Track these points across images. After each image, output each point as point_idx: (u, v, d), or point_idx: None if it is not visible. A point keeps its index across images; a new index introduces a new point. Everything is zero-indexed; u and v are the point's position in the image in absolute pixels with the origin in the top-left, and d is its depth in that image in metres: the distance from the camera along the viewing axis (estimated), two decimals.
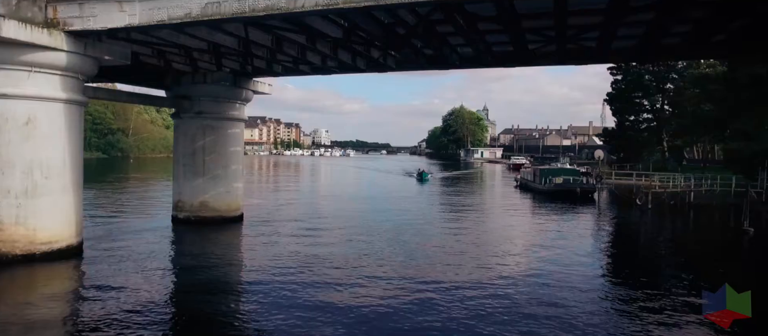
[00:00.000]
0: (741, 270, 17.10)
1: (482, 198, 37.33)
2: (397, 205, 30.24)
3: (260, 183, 51.68)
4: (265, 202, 31.67)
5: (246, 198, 34.06)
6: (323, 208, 28.72)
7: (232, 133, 22.62)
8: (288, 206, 29.91)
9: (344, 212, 27.54)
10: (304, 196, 36.98)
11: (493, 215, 29.02)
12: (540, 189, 40.39)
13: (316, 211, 27.69)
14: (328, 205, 30.58)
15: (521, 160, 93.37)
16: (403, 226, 23.31)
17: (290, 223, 23.62)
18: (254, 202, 31.64)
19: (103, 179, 50.72)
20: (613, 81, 63.01)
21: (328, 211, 27.96)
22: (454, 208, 31.46)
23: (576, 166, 60.04)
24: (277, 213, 26.93)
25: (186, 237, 20.35)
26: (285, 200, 33.08)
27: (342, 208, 29.39)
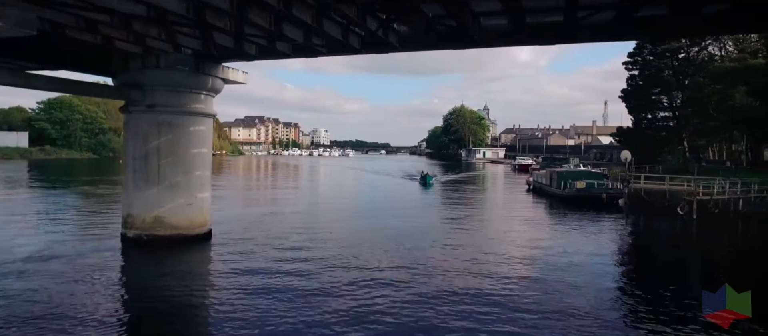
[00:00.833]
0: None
1: (494, 206, 32.81)
2: (400, 218, 25.67)
3: (247, 188, 47.13)
4: (247, 213, 27.14)
5: (225, 207, 29.88)
6: (315, 223, 24.16)
7: (196, 131, 18.09)
8: (272, 219, 25.32)
9: (339, 228, 22.96)
10: (294, 205, 32.41)
11: (511, 229, 24.49)
12: (558, 194, 35.87)
13: (306, 226, 23.07)
14: (321, 218, 25.94)
15: (527, 160, 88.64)
16: (410, 249, 18.82)
17: (271, 244, 19.07)
18: (232, 213, 27.15)
19: (74, 181, 46.16)
20: (629, 77, 58.57)
21: (321, 226, 23.33)
22: (466, 222, 26.90)
23: (591, 167, 55.50)
24: (258, 228, 22.37)
25: (130, 264, 15.86)
26: (270, 211, 28.50)
27: (337, 222, 24.82)
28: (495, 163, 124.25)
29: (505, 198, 38.38)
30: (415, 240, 20.03)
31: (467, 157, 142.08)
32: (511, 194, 41.64)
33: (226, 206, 30.71)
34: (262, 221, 24.15)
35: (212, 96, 18.89)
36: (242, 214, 26.78)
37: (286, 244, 18.84)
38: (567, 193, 34.48)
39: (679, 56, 53.92)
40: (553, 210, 31.77)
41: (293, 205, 31.81)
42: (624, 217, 30.27)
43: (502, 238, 21.47)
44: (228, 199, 34.97)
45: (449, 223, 25.21)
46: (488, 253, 18.18)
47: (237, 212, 27.46)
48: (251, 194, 40.22)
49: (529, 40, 14.83)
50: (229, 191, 41.62)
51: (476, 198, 39.15)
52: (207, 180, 18.68)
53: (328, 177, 64.28)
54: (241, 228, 22.00)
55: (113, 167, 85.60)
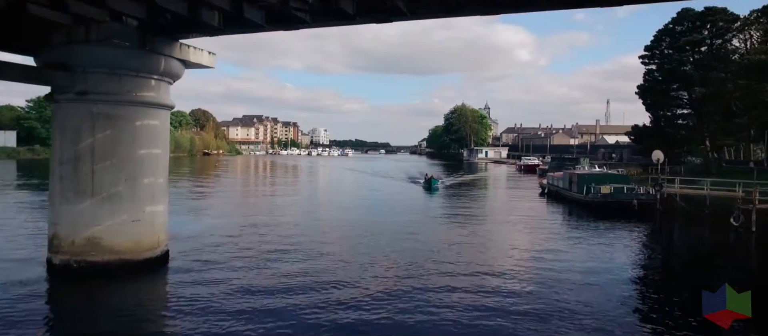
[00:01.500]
0: None
1: (509, 216, 28.50)
2: (405, 233, 21.50)
3: (236, 193, 42.97)
4: (226, 225, 22.97)
5: (202, 216, 25.66)
6: (307, 239, 19.94)
7: (145, 126, 13.97)
8: (255, 234, 21.07)
9: (333, 247, 18.73)
10: (285, 214, 28.24)
11: (535, 247, 20.38)
12: (580, 200, 31.76)
13: (296, 244, 18.82)
14: (315, 233, 21.53)
15: (534, 160, 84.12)
16: (419, 276, 14.76)
17: (246, 270, 14.97)
18: (208, 224, 23.06)
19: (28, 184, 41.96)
20: (647, 71, 54.49)
21: (314, 244, 19.08)
22: (481, 237, 22.76)
23: (607, 168, 51.35)
24: (235, 246, 18.19)
25: (44, 304, 11.76)
26: (255, 222, 24.22)
27: (330, 237, 20.60)
28: (498, 163, 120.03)
29: (519, 205, 34.21)
30: (424, 263, 15.96)
31: (469, 156, 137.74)
32: (523, 200, 37.45)
33: (203, 215, 26.68)
34: (242, 237, 20.00)
35: (168, 82, 14.78)
36: (220, 225, 22.66)
37: (266, 271, 14.74)
38: (591, 198, 30.37)
39: (701, 49, 49.88)
40: (576, 219, 27.66)
41: (283, 214, 27.69)
42: (660, 227, 26.23)
43: (528, 259, 17.38)
44: (210, 207, 30.92)
45: (462, 241, 21.11)
46: (516, 278, 14.11)
47: (214, 224, 23.34)
48: (238, 200, 36.11)
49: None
50: (214, 197, 37.56)
51: (486, 205, 34.91)
52: (161, 189, 14.57)
53: (326, 180, 60.05)
54: (213, 246, 17.85)
55: None
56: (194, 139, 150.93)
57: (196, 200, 33.86)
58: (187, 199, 34.27)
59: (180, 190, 41.13)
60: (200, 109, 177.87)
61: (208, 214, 27.37)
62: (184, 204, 30.71)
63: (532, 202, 36.30)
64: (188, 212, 26.98)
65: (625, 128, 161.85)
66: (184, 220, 23.44)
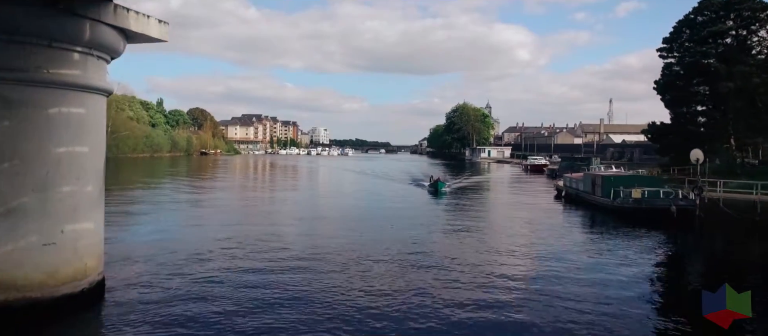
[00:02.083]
0: None
1: (527, 225, 24.76)
2: (412, 247, 17.82)
3: (222, 196, 39.21)
4: (195, 240, 19.13)
5: (172, 227, 21.51)
6: (294, 259, 16.25)
7: (65, 115, 10.24)
8: (231, 250, 17.31)
9: (325, 276, 15.00)
10: (270, 223, 24.48)
11: (565, 261, 16.70)
12: (605, 205, 28.03)
13: (279, 269, 15.18)
14: (306, 251, 17.74)
15: (540, 160, 79.87)
16: (434, 307, 11.09)
17: (214, 301, 11.31)
18: (174, 239, 19.31)
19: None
20: (665, 65, 50.68)
21: (302, 267, 15.37)
22: (499, 251, 19.07)
23: (624, 168, 47.54)
24: (204, 268, 14.45)
25: None
26: (232, 234, 20.29)
27: (322, 262, 16.83)
28: (501, 162, 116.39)
29: (534, 211, 30.33)
30: (437, 288, 12.28)
31: (471, 156, 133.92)
32: (539, 205, 33.53)
33: (175, 226, 22.95)
34: (215, 255, 16.20)
35: (101, 58, 11.06)
36: (191, 240, 18.93)
37: (240, 305, 11.07)
38: (620, 204, 26.61)
39: (725, 41, 46.10)
40: (604, 229, 23.91)
41: (271, 223, 23.94)
42: (703, 237, 22.53)
43: (560, 279, 13.69)
44: (186, 214, 27.18)
45: (480, 257, 17.41)
46: (545, 307, 10.44)
47: (184, 238, 19.62)
48: (222, 205, 32.30)
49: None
50: (196, 202, 33.89)
51: (500, 213, 30.77)
52: (90, 200, 10.82)
53: (323, 183, 56.07)
54: (176, 268, 14.09)
55: None
56: (191, 138, 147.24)
57: (173, 205, 30.16)
58: (164, 204, 30.59)
59: (162, 194, 37.52)
60: (198, 108, 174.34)
61: (182, 223, 23.66)
62: (159, 212, 27.03)
63: (550, 207, 32.53)
64: (158, 222, 23.27)
65: (632, 127, 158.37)
66: (146, 233, 19.79)
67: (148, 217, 24.79)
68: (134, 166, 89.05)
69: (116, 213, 22.65)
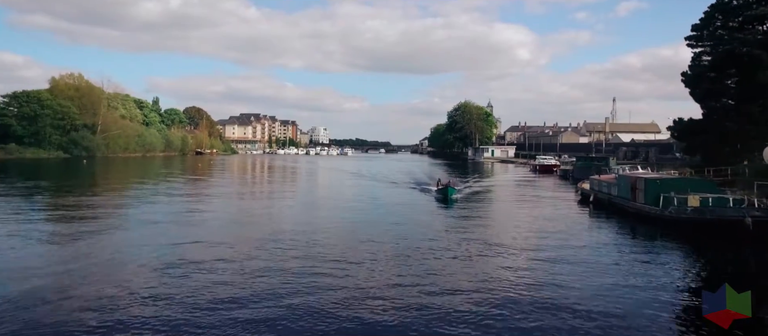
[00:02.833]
0: None
1: (562, 241, 19.61)
2: (428, 288, 12.68)
3: (203, 201, 33.98)
4: (146, 262, 14.03)
5: (100, 239, 15.80)
6: (266, 293, 11.24)
7: None
8: (187, 281, 12.28)
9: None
10: (249, 241, 19.32)
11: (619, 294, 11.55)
12: (652, 215, 22.80)
13: (234, 304, 10.16)
14: (282, 283, 12.81)
15: (550, 160, 74.45)
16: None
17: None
18: (114, 259, 14.08)
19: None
20: (694, 56, 45.55)
21: (275, 312, 10.27)
22: (534, 277, 14.00)
23: (651, 169, 42.26)
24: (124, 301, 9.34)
25: None
26: (198, 260, 15.25)
27: (311, 294, 11.64)
28: (505, 162, 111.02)
29: (562, 220, 24.67)
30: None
31: (474, 156, 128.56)
32: (564, 213, 27.97)
33: (106, 237, 17.65)
34: (156, 290, 11.10)
35: None
36: (140, 262, 13.77)
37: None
38: (673, 214, 21.37)
39: (766, 25, 40.90)
40: (655, 245, 18.72)
41: (247, 241, 18.74)
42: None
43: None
44: (134, 220, 21.87)
45: (515, 291, 12.21)
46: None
47: (132, 259, 14.44)
48: (198, 211, 27.08)
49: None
50: (161, 205, 28.68)
51: (521, 222, 25.20)
52: None
53: (319, 188, 50.55)
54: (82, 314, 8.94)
55: (74, 169, 72.59)
56: (186, 137, 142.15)
57: (122, 211, 24.91)
58: (119, 210, 25.41)
59: (128, 196, 32.31)
60: (194, 107, 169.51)
61: (114, 233, 18.38)
62: (106, 217, 21.82)
63: (578, 217, 27.17)
64: (115, 232, 18.05)
65: (637, 126, 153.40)
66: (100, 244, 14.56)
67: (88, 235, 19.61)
68: (122, 166, 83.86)
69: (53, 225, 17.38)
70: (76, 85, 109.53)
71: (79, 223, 21.70)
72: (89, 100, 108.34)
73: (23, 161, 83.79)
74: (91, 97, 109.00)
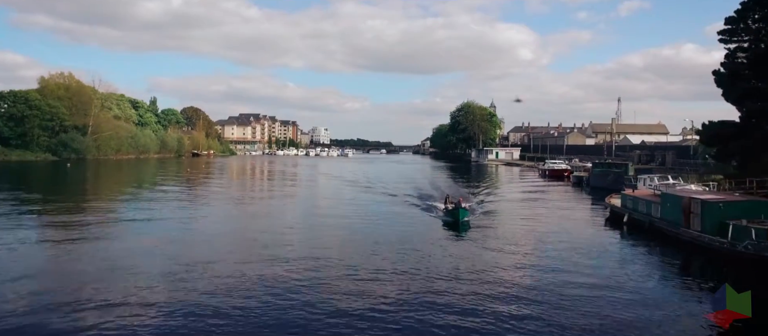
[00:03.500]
0: None
1: (601, 288, 14.87)
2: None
3: (157, 219, 29.14)
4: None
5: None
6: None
7: None
8: None
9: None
10: (202, 278, 14.56)
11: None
12: (715, 247, 17.90)
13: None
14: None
15: (560, 164, 69.16)
16: None
17: None
18: None
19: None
20: (728, 53, 40.45)
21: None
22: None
23: (697, 183, 37.11)
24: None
25: None
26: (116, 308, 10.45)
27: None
28: (510, 165, 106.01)
29: (593, 252, 19.93)
30: None
31: (478, 157, 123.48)
32: (594, 241, 22.73)
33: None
34: None
35: None
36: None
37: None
38: (749, 251, 16.45)
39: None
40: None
41: (201, 277, 13.94)
42: None
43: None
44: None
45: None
46: None
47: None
48: (145, 235, 22.28)
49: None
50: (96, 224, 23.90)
51: (543, 254, 20.36)
52: None
53: (308, 197, 45.60)
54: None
55: (54, 173, 67.87)
56: (182, 138, 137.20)
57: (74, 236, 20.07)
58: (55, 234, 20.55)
59: (82, 216, 27.19)
60: (192, 107, 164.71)
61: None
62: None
63: (612, 245, 22.12)
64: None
65: (644, 127, 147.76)
66: None
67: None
68: (109, 169, 79.16)
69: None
70: (66, 84, 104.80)
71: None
72: (80, 101, 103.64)
73: (8, 164, 79.26)
74: (81, 97, 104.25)
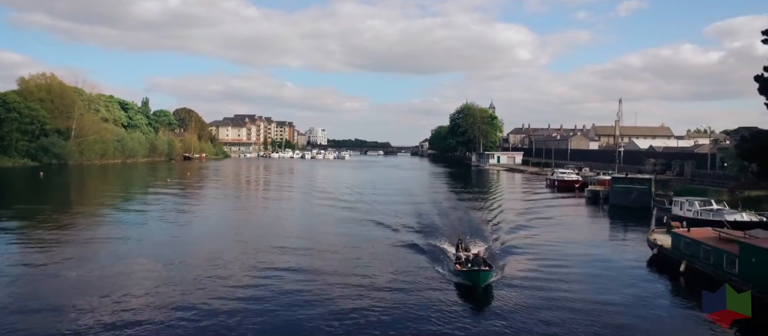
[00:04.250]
0: None
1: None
2: None
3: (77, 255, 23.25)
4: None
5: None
6: None
7: None
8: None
9: None
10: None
11: None
12: None
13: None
14: None
15: (571, 174, 62.38)
16: None
17: None
18: None
19: None
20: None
21: None
22: None
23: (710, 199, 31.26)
24: None
25: None
26: None
27: None
28: (513, 171, 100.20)
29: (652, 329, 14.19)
30: None
31: (479, 162, 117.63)
32: (646, 298, 17.23)
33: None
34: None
35: None
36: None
37: None
38: None
39: None
40: None
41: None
42: None
43: None
44: None
45: None
46: None
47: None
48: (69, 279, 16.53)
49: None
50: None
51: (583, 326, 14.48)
52: None
53: (289, 231, 39.77)
54: None
55: (27, 181, 61.99)
56: (173, 141, 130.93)
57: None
58: None
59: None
60: (184, 108, 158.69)
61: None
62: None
63: (673, 311, 16.45)
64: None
65: (647, 129, 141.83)
66: None
67: None
68: (91, 176, 73.32)
69: None
70: (47, 85, 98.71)
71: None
72: (62, 103, 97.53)
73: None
74: (63, 98, 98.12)
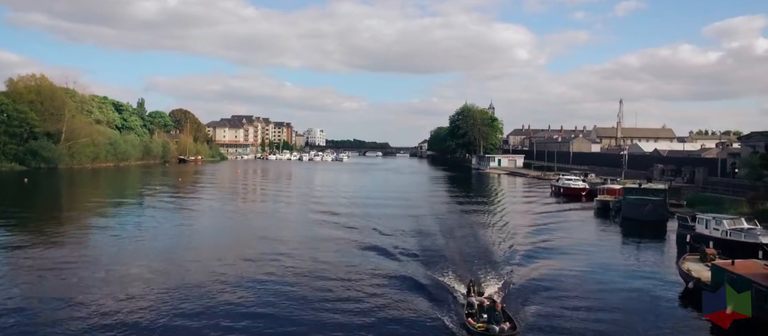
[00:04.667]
0: None
1: None
2: None
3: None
4: None
5: None
6: None
7: None
8: None
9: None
10: None
11: None
12: None
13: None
14: None
15: (578, 181, 58.53)
16: None
17: None
18: None
19: None
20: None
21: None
22: None
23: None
24: None
25: None
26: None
27: None
28: (514, 175, 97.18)
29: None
30: None
31: (479, 164, 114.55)
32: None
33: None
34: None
35: None
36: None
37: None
38: None
39: None
40: None
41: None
42: None
43: None
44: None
45: None
46: None
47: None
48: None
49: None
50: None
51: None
52: None
53: (279, 261, 36.30)
54: None
55: (10, 188, 58.94)
56: (168, 143, 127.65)
57: None
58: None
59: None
60: (180, 109, 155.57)
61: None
62: None
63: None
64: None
65: (650, 131, 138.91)
66: None
67: None
68: (80, 181, 70.35)
69: None
70: (36, 87, 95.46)
71: None
72: (52, 105, 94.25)
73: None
74: (54, 100, 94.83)
